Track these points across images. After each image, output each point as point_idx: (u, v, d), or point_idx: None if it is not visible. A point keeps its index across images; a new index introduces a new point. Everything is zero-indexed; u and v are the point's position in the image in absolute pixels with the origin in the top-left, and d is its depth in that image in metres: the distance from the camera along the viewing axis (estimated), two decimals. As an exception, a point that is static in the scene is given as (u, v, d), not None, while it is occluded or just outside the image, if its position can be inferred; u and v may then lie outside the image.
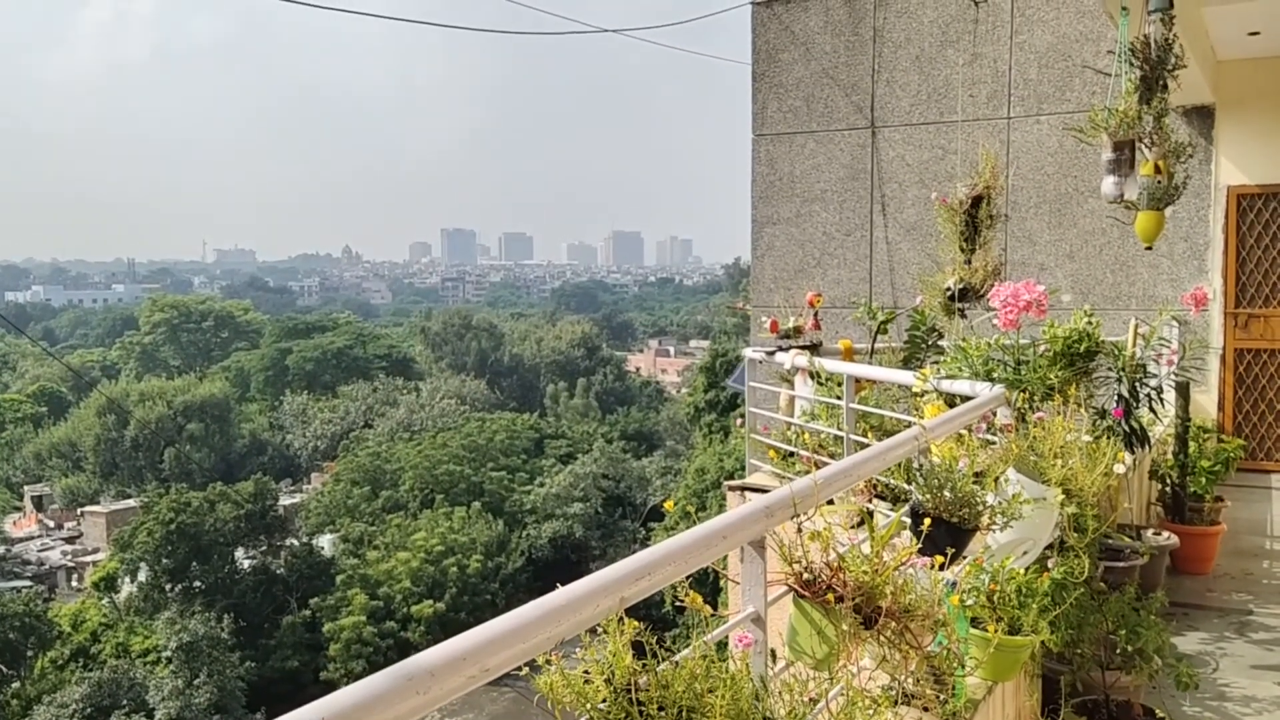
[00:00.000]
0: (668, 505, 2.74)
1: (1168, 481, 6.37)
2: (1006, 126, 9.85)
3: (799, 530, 2.13)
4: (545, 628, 1.38)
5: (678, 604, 2.03)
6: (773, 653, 1.91)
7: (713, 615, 1.99)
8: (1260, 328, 9.07)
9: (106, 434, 52.29)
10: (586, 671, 1.48)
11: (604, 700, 1.49)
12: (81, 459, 52.87)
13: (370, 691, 1.10)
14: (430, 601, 34.36)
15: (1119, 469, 3.98)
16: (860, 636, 2.07)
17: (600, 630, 1.56)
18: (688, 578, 1.93)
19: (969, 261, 5.54)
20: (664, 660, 1.57)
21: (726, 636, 1.99)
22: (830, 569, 2.12)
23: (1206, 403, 8.96)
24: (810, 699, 1.77)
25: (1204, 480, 6.55)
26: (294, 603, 35.71)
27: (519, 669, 1.38)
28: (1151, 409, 5.37)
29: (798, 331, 6.01)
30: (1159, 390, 5.45)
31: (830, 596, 1.99)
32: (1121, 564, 4.63)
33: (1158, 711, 3.72)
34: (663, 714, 1.48)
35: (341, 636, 32.64)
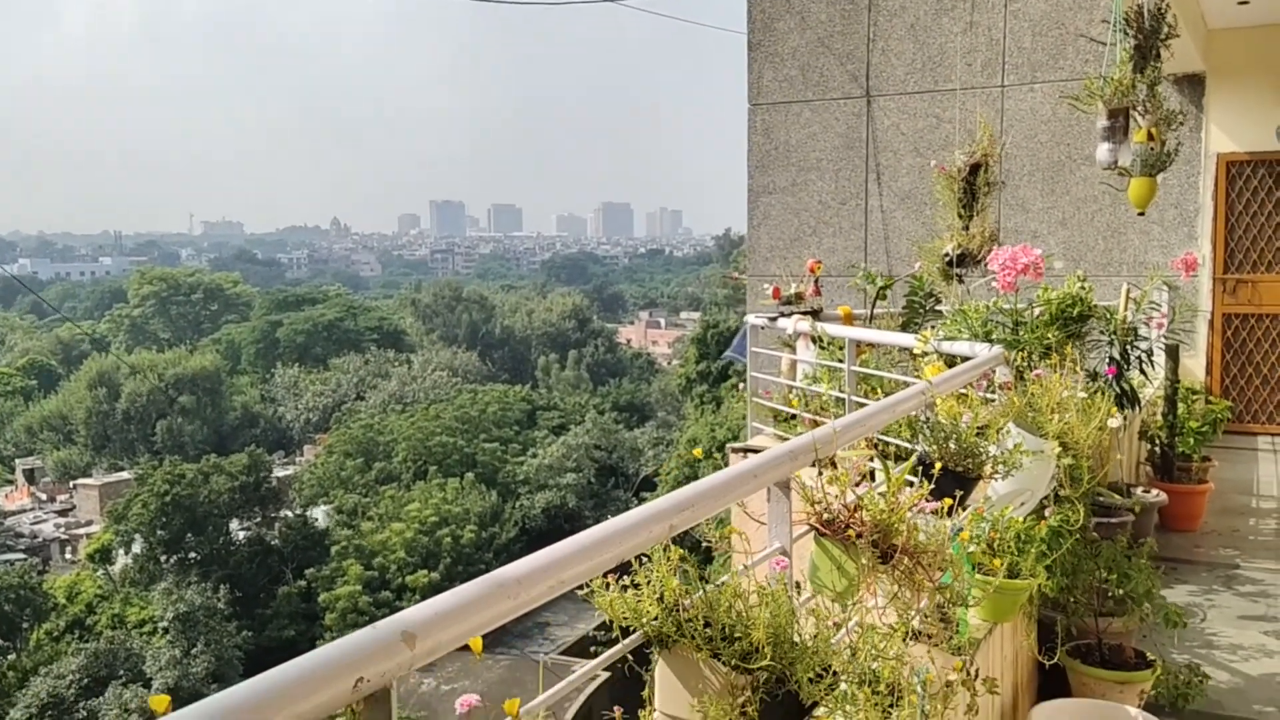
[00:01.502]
0: (696, 453, 2.82)
1: (1157, 442, 6.55)
2: (1001, 95, 9.95)
3: (819, 474, 2.27)
4: (609, 548, 1.53)
5: (706, 546, 2.18)
6: (797, 585, 2.06)
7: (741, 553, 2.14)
8: (1248, 293, 9.25)
9: (97, 407, 52.26)
10: (637, 587, 1.63)
11: (655, 617, 1.64)
12: (73, 432, 52.85)
13: (472, 594, 1.25)
14: (425, 571, 34.63)
15: (1112, 423, 4.14)
16: (877, 570, 2.22)
17: (647, 559, 1.71)
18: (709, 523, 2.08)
19: (967, 228, 5.67)
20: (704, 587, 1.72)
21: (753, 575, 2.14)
22: (848, 509, 2.27)
23: (1195, 366, 9.15)
24: (834, 623, 1.92)
25: (1192, 441, 6.73)
26: (289, 573, 35.94)
27: (581, 586, 1.53)
28: (1142, 371, 5.54)
29: (799, 298, 6.15)
30: (1149, 353, 5.61)
31: (851, 533, 2.14)
32: (1113, 520, 4.81)
33: (1148, 654, 3.90)
34: (708, 629, 1.63)
35: (337, 606, 32.89)
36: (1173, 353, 6.58)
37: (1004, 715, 3.48)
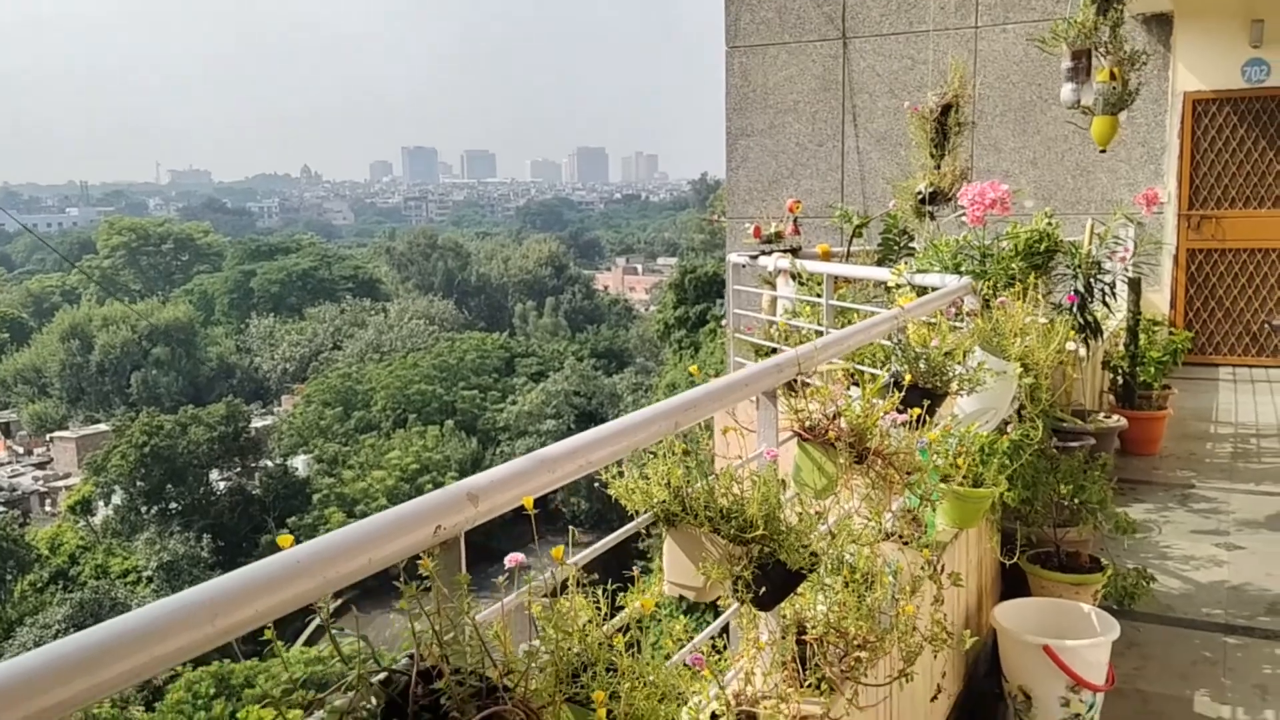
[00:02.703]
0: (693, 370, 3.02)
1: (1119, 371, 6.85)
2: (974, 36, 10.12)
3: (803, 386, 2.52)
4: (625, 438, 1.79)
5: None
6: (782, 482, 2.31)
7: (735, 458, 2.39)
8: (1212, 228, 9.55)
9: (71, 359, 51.94)
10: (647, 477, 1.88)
11: (663, 500, 1.89)
12: (47, 385, 52.55)
13: (520, 468, 1.50)
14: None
15: (1070, 346, 4.41)
16: (853, 470, 2.48)
17: (653, 453, 1.95)
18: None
19: (938, 167, 5.89)
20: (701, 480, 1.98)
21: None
22: (828, 418, 2.52)
23: (1159, 301, 9.47)
24: (816, 512, 2.18)
25: (1153, 370, 7.05)
26: (271, 522, 36.20)
27: (607, 468, 1.78)
28: (1104, 303, 5.82)
29: (779, 236, 6.37)
30: (1111, 286, 5.89)
31: (831, 435, 2.40)
32: (1073, 444, 5.11)
33: (1102, 560, 4.22)
34: (707, 510, 1.88)
35: (322, 553, 33.28)
36: (1135, 285, 6.87)
37: (969, 613, 3.79)
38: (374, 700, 1.19)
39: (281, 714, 1.09)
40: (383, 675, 1.23)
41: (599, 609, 1.51)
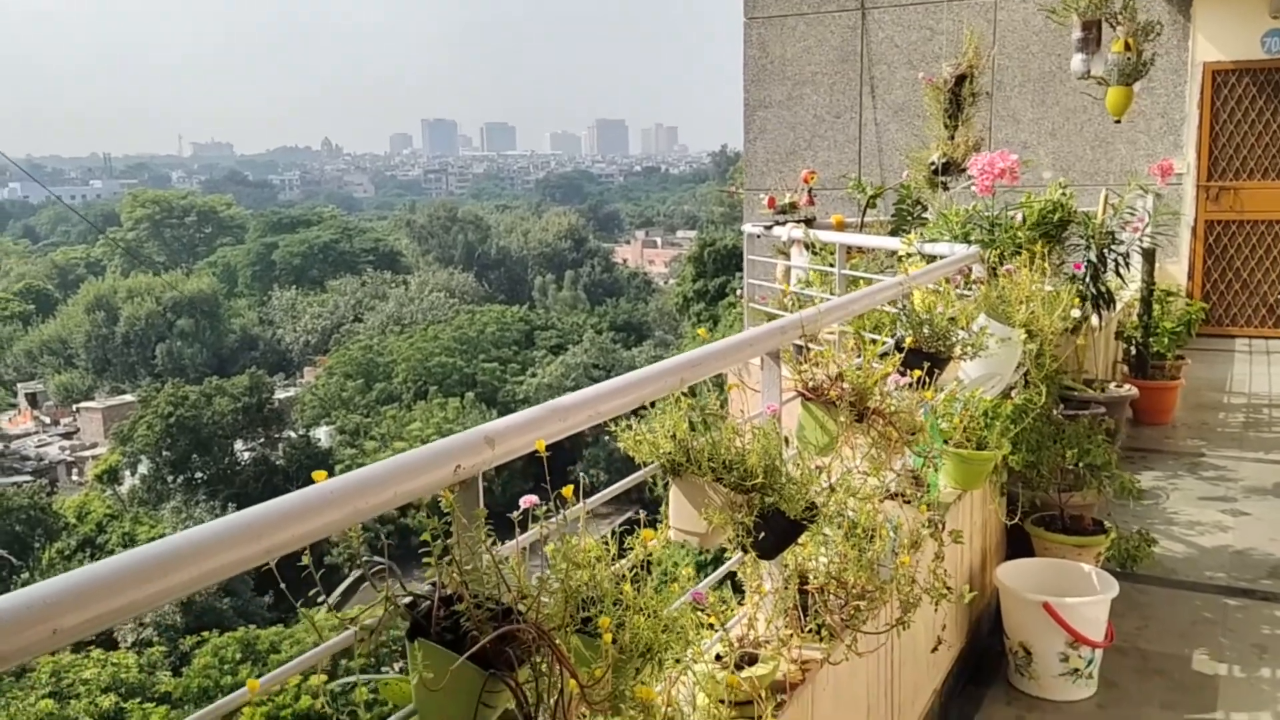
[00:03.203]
0: (700, 332, 3.11)
1: (1132, 341, 6.90)
2: (993, 6, 10.09)
3: (806, 348, 2.63)
4: (634, 391, 1.91)
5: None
6: (786, 439, 2.42)
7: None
8: (1230, 200, 9.52)
9: (97, 331, 52.56)
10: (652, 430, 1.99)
11: (669, 451, 2.00)
12: (73, 356, 53.22)
13: (534, 415, 1.64)
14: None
15: (1075, 313, 4.48)
16: (854, 429, 2.58)
17: (661, 406, 2.06)
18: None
19: (952, 137, 5.93)
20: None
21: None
22: (830, 378, 2.63)
23: (1177, 272, 9.47)
24: (817, 467, 2.29)
25: (1166, 340, 7.09)
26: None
27: (616, 421, 1.91)
28: (1117, 273, 5.87)
29: (793, 207, 6.44)
30: (1125, 256, 5.93)
31: (832, 394, 2.50)
32: (1085, 413, 5.19)
33: (1106, 523, 4.32)
34: (710, 462, 1.99)
35: (343, 523, 33.66)
36: (1149, 256, 6.90)
37: (973, 573, 3.90)
38: (401, 620, 1.31)
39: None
40: (408, 599, 1.35)
41: (608, 549, 1.63)
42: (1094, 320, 5.75)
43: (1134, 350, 6.94)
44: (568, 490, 1.53)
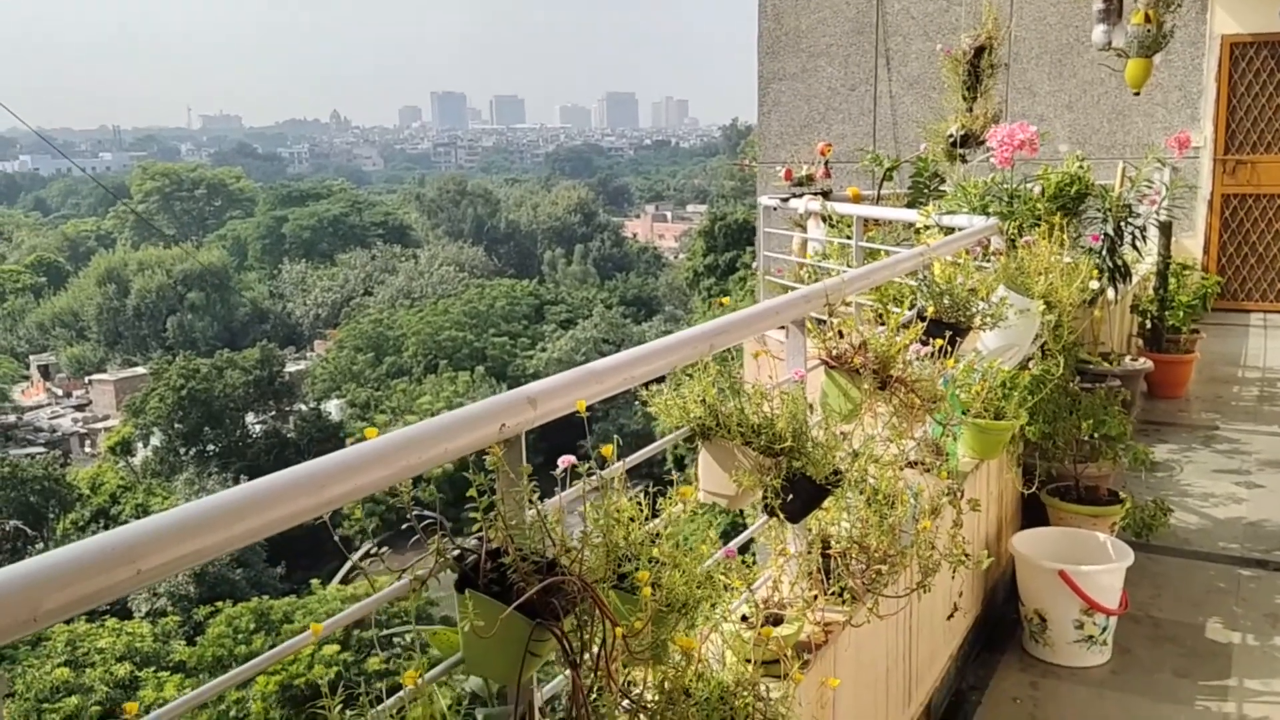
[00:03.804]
0: (724, 300, 3.14)
1: (1147, 315, 6.90)
2: (1010, -22, 10.00)
3: (830, 316, 2.66)
4: (664, 357, 1.95)
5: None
6: (810, 407, 2.46)
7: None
8: (1247, 173, 9.47)
9: (108, 303, 52.78)
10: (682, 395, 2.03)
11: (698, 415, 2.04)
12: (85, 328, 53.47)
13: (571, 379, 1.68)
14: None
15: (1094, 285, 4.50)
16: (876, 395, 2.62)
17: (689, 373, 2.10)
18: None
19: (970, 109, 5.93)
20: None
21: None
22: (854, 347, 2.66)
23: (1193, 246, 9.44)
24: (841, 433, 2.33)
25: (1181, 314, 7.09)
26: (306, 464, 36.83)
27: (647, 386, 1.94)
28: (1134, 246, 5.86)
29: (810, 179, 6.44)
30: (1142, 229, 5.93)
31: (856, 362, 2.53)
32: (1101, 385, 5.21)
33: (1121, 493, 4.35)
34: (740, 427, 2.03)
35: (355, 495, 33.85)
36: (1166, 229, 6.88)
37: (989, 542, 3.94)
38: (450, 571, 1.36)
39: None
40: (456, 552, 1.40)
41: (641, 509, 1.67)
42: (1110, 293, 5.75)
43: (1149, 324, 6.94)
44: (608, 449, 1.57)
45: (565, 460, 1.62)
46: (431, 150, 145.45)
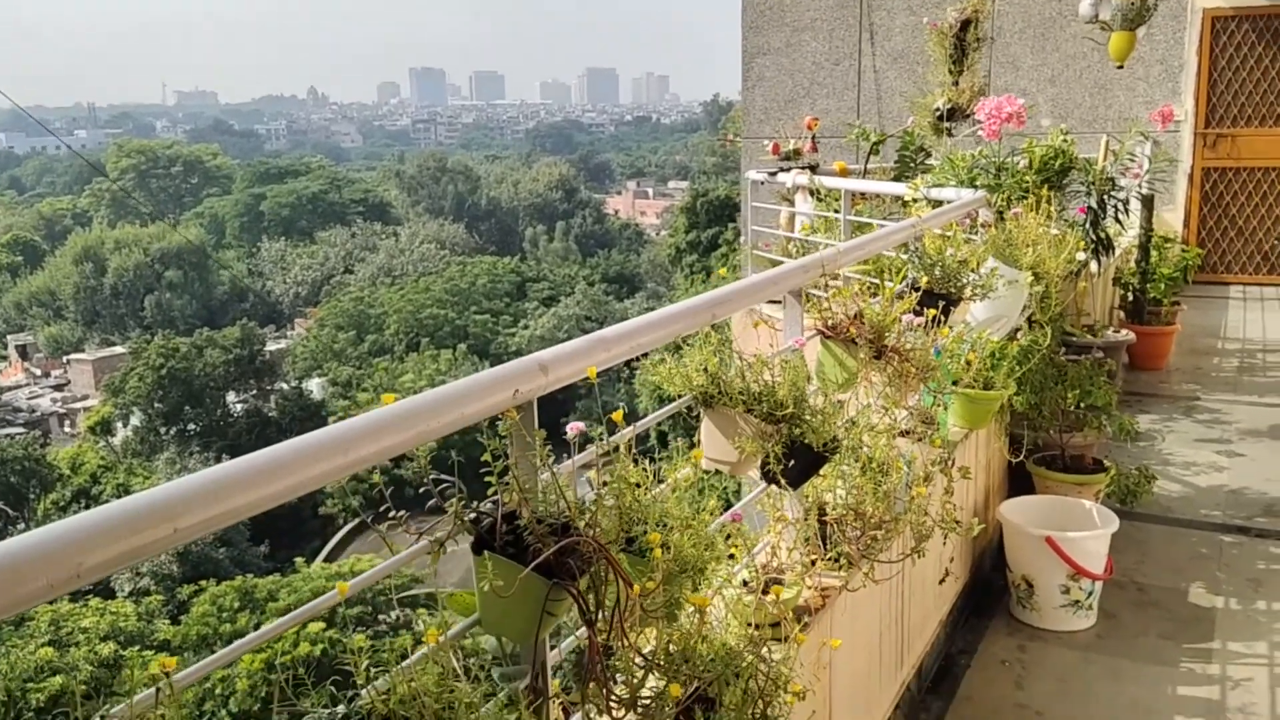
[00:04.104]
0: (721, 272, 3.15)
1: (1129, 287, 6.98)
2: (994, -49, 10.00)
3: (825, 286, 2.69)
4: (666, 326, 1.98)
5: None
6: (808, 377, 2.49)
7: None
8: (1228, 147, 9.55)
9: (85, 282, 52.27)
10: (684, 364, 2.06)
11: (701, 384, 2.07)
12: (62, 308, 52.97)
13: (581, 346, 1.72)
14: (423, 438, 35.50)
15: (1080, 256, 4.55)
16: (871, 364, 2.65)
17: (690, 342, 2.13)
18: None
19: (956, 83, 5.95)
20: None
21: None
22: (849, 317, 2.69)
23: (1173, 219, 9.52)
24: (837, 399, 2.36)
25: (1163, 286, 7.17)
26: (289, 443, 36.72)
27: (649, 355, 1.97)
28: (1117, 219, 5.92)
29: (797, 153, 6.46)
30: (1125, 202, 5.98)
31: (852, 332, 2.57)
32: (1086, 356, 5.28)
33: (1105, 462, 4.42)
34: (742, 395, 2.07)
35: (338, 473, 33.76)
36: (1148, 203, 6.95)
37: (977, 510, 4.00)
38: (466, 534, 1.39)
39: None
40: (472, 516, 1.42)
41: (648, 475, 1.70)
42: (1093, 266, 5.81)
43: (1131, 296, 7.02)
44: (618, 415, 1.60)
45: (574, 427, 1.65)
46: (411, 127, 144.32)
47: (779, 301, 3.43)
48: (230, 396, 38.90)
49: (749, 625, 2.03)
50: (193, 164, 70.16)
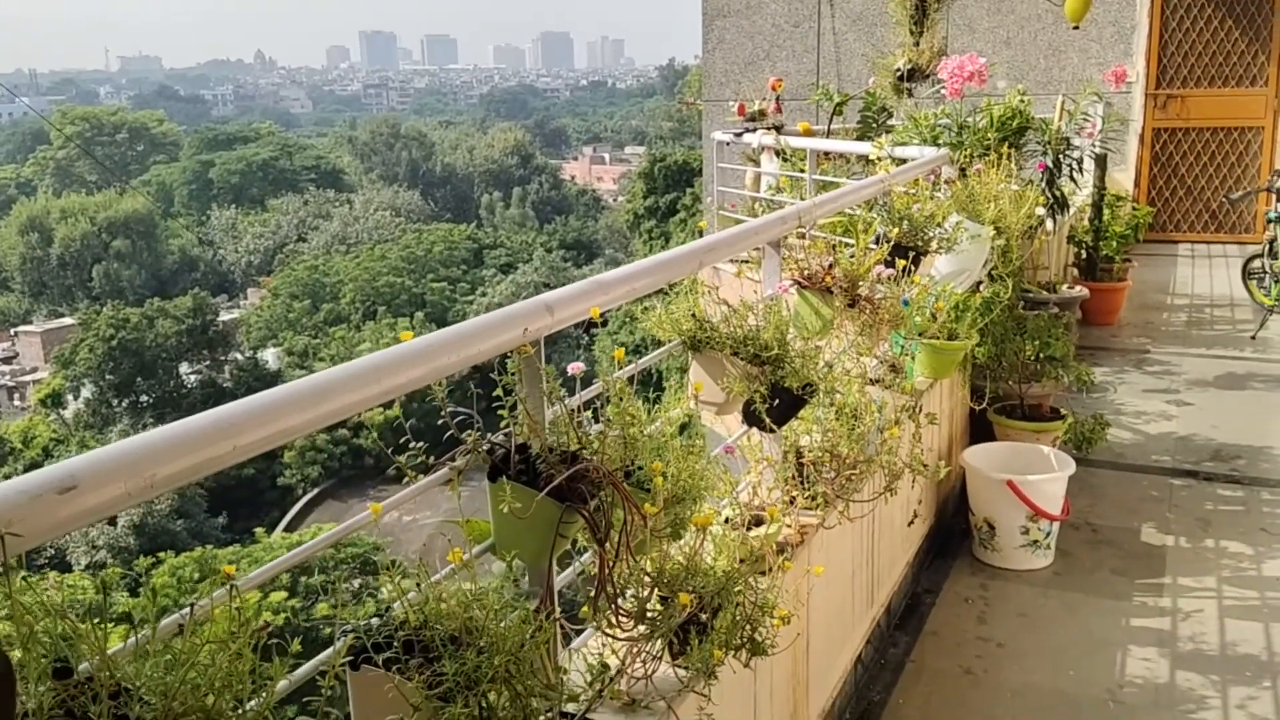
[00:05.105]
0: (702, 225, 3.23)
1: (1082, 245, 7.17)
2: (951, -87, 10.08)
3: (801, 237, 2.79)
4: (659, 273, 2.07)
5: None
6: (788, 323, 2.60)
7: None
8: (1177, 107, 9.77)
9: (31, 253, 51.09)
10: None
11: (690, 329, 2.17)
12: (8, 279, 51.78)
13: (576, 290, 1.79)
14: (380, 409, 35.29)
15: (1039, 211, 4.70)
16: (845, 313, 2.77)
17: (678, 290, 2.22)
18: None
19: (917, 44, 6.06)
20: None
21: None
22: (824, 268, 2.80)
23: (1124, 179, 9.75)
24: (815, 345, 2.47)
25: (1115, 244, 7.37)
26: (246, 414, 36.33)
27: (640, 301, 2.06)
28: (1072, 178, 6.08)
29: (763, 114, 6.54)
30: (1079, 161, 6.14)
31: (828, 281, 2.68)
32: (1039, 312, 5.45)
33: (1062, 410, 4.60)
34: (729, 339, 2.16)
35: (295, 444, 33.51)
36: (1101, 162, 7.13)
37: (942, 456, 4.16)
38: (482, 463, 1.47)
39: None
40: (487, 445, 1.51)
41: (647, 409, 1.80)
42: (1049, 224, 5.98)
43: (1084, 253, 7.21)
44: (619, 353, 1.69)
45: (575, 367, 1.73)
46: (362, 92, 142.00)
47: (745, 261, 3.55)
48: (184, 367, 38.37)
49: (735, 558, 2.15)
50: (138, 131, 68.57)
